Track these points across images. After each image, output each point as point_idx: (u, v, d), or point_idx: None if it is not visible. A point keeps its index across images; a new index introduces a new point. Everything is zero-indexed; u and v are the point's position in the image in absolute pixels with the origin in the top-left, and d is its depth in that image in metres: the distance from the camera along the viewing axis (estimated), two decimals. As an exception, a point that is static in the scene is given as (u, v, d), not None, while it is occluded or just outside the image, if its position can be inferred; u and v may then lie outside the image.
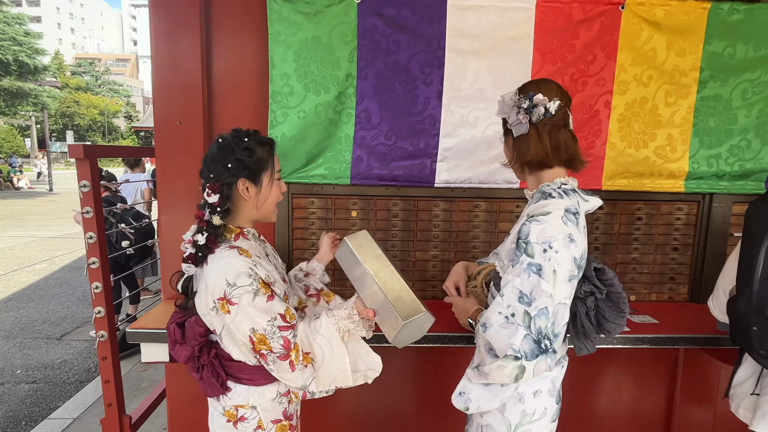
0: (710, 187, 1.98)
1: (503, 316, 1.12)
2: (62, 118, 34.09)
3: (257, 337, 1.15)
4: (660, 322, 1.82)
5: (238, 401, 1.28)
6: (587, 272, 1.26)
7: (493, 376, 1.15)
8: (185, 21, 1.82)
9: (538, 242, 1.12)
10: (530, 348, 1.08)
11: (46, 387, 3.42)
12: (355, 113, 1.88)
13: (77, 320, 4.76)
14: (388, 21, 1.82)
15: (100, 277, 1.92)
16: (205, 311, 1.21)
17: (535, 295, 1.10)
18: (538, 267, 1.10)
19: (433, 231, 2.03)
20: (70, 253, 7.72)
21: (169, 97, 1.86)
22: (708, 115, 1.91)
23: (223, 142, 1.25)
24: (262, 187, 1.27)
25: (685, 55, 1.86)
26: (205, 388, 1.29)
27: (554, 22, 1.83)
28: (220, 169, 1.22)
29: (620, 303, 1.27)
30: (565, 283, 1.12)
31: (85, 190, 1.86)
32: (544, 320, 1.09)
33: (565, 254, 1.11)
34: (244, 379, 1.27)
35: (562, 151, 1.22)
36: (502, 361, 1.10)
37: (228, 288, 1.15)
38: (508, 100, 1.25)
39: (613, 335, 1.30)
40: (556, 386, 1.29)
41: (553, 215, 1.14)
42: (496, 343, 1.12)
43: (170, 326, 1.31)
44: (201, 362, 1.26)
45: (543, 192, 1.22)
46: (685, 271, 2.08)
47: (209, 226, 1.23)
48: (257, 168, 1.25)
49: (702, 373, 2.14)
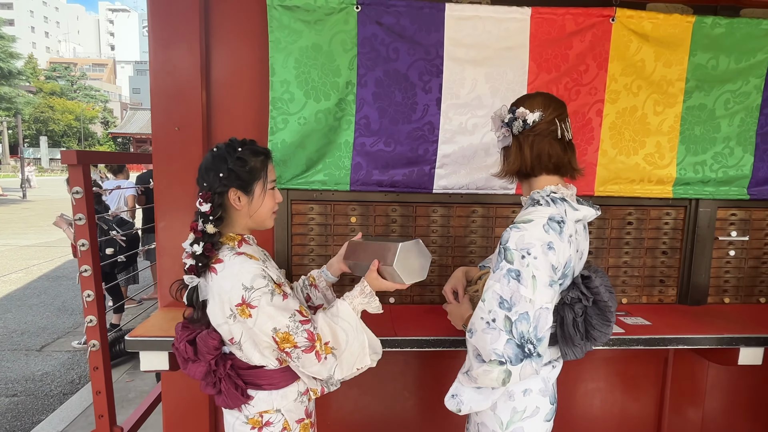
0: (696, 192, 2.06)
1: (485, 322, 1.15)
2: (36, 123, 33.20)
3: (280, 336, 1.16)
4: (652, 323, 1.87)
5: (263, 407, 1.28)
6: (575, 279, 1.30)
7: (481, 381, 1.18)
8: (184, 27, 1.82)
9: (517, 248, 1.16)
10: (514, 353, 1.11)
11: (28, 400, 3.31)
12: (354, 120, 1.90)
13: (58, 331, 4.63)
14: (387, 30, 1.85)
15: (93, 285, 1.89)
16: (221, 321, 1.21)
17: (514, 300, 1.13)
18: (517, 273, 1.14)
19: (431, 236, 2.05)
20: (48, 262, 7.50)
21: (168, 103, 1.85)
22: (693, 124, 1.99)
23: (217, 151, 1.26)
24: (254, 197, 1.26)
25: (671, 66, 1.94)
26: (225, 400, 1.27)
27: (548, 33, 1.89)
28: (212, 179, 1.23)
29: (606, 311, 1.29)
30: (546, 288, 1.15)
31: (77, 197, 1.83)
32: (526, 325, 1.13)
33: (542, 260, 1.15)
34: (264, 385, 1.27)
35: (545, 159, 1.27)
36: (488, 366, 1.14)
37: (246, 292, 1.15)
38: (497, 115, 1.32)
39: (599, 343, 1.33)
40: (548, 386, 1.32)
41: (534, 223, 1.18)
42: (480, 348, 1.16)
43: (180, 345, 1.28)
44: (218, 375, 1.25)
45: (532, 199, 1.27)
46: (674, 274, 2.15)
47: (204, 236, 1.23)
48: (249, 178, 1.25)
49: (691, 373, 2.21)
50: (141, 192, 5.18)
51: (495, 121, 1.33)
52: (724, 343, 1.77)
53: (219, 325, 1.22)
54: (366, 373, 2.10)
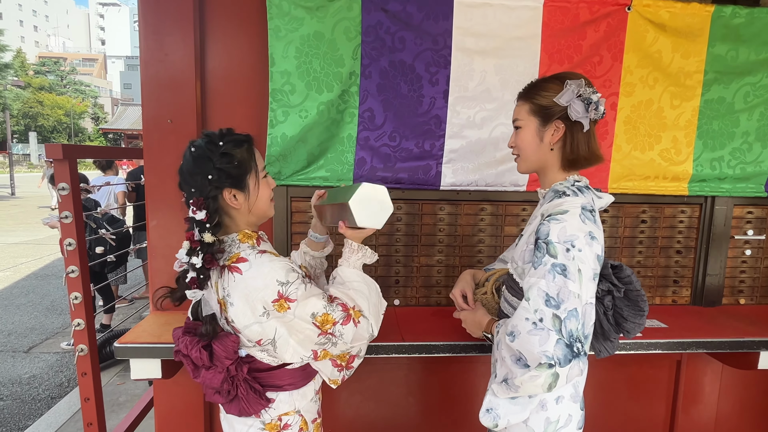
0: (712, 189, 1.98)
1: (531, 322, 1.06)
2: (24, 118, 32.67)
3: (319, 319, 1.13)
4: (668, 326, 1.80)
5: (284, 409, 1.23)
6: (604, 270, 1.23)
7: (525, 388, 1.09)
8: (177, 12, 1.70)
9: (560, 241, 1.08)
10: (563, 353, 1.03)
11: (14, 404, 3.18)
12: (358, 113, 1.80)
13: (46, 331, 4.49)
14: (393, 17, 1.75)
15: (80, 287, 1.78)
16: (250, 321, 1.12)
17: (562, 296, 1.05)
18: (563, 267, 1.06)
19: (437, 235, 1.96)
20: (36, 260, 7.32)
21: (159, 94, 1.73)
22: (711, 118, 1.92)
23: (196, 151, 1.12)
24: (249, 191, 1.17)
25: (689, 58, 1.86)
26: (244, 407, 1.19)
27: (561, 22, 1.80)
28: (200, 182, 1.11)
29: (639, 301, 1.24)
30: (590, 282, 1.08)
31: (63, 193, 1.72)
32: (575, 322, 1.04)
33: (588, 252, 1.08)
34: (285, 386, 1.22)
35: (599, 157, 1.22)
36: (535, 371, 1.04)
37: (282, 287, 1.10)
38: (576, 85, 1.15)
39: (633, 335, 1.27)
40: (578, 392, 1.24)
41: (570, 213, 1.11)
42: (526, 351, 1.05)
43: (194, 353, 1.17)
44: (236, 382, 1.18)
45: (556, 191, 1.19)
46: (688, 274, 2.08)
47: (203, 246, 1.12)
48: (240, 173, 1.15)
49: (704, 376, 2.14)
50: (132, 188, 5.04)
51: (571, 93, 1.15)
52: (745, 347, 1.70)
53: (247, 326, 1.13)
54: (369, 378, 2.04)
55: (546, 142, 1.20)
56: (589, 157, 1.20)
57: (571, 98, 1.14)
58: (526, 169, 1.28)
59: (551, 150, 1.21)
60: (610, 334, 1.26)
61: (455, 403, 2.07)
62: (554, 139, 1.19)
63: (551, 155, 1.21)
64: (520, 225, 1.98)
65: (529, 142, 1.23)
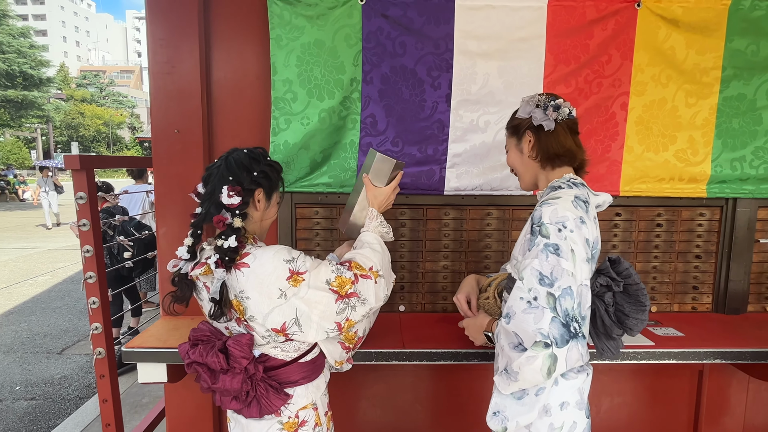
0: (734, 191, 1.89)
1: (525, 301, 1.08)
2: (67, 129, 34.31)
3: (335, 283, 1.18)
4: (685, 334, 1.71)
5: (302, 403, 1.28)
6: (602, 265, 1.26)
7: (523, 373, 1.07)
8: (183, 25, 1.75)
9: (551, 222, 1.11)
10: (559, 332, 1.03)
11: (46, 404, 3.33)
12: (360, 119, 1.81)
13: (78, 333, 4.69)
14: (393, 23, 1.74)
15: (98, 292, 1.85)
16: (272, 306, 1.15)
17: (556, 274, 1.07)
18: (556, 247, 1.09)
19: (443, 241, 1.94)
20: (73, 265, 7.66)
21: (167, 105, 1.79)
22: (731, 116, 1.82)
23: (249, 152, 1.27)
24: (271, 202, 1.30)
25: (705, 54, 1.78)
26: (265, 405, 1.22)
27: (567, 22, 1.76)
28: (244, 175, 1.22)
29: (639, 296, 1.23)
30: (584, 264, 1.10)
31: (81, 202, 1.79)
32: (570, 301, 1.06)
33: (578, 234, 1.11)
34: (300, 380, 1.27)
35: (576, 152, 1.28)
36: (531, 351, 1.04)
37: (291, 264, 1.16)
38: (532, 100, 1.28)
39: (636, 332, 1.26)
40: (584, 398, 1.21)
41: (563, 199, 1.15)
42: (521, 331, 1.07)
43: (210, 358, 1.20)
44: (255, 380, 1.21)
45: (552, 186, 1.25)
46: (709, 280, 1.98)
47: (233, 229, 1.18)
48: (273, 185, 1.29)
49: (728, 387, 2.03)
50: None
51: (530, 105, 1.29)
52: (768, 357, 1.60)
53: (268, 314, 1.16)
54: (376, 384, 2.03)
55: (525, 152, 1.31)
56: (560, 152, 1.26)
57: (531, 109, 1.27)
58: (525, 185, 1.37)
59: (531, 158, 1.30)
60: (613, 331, 1.25)
61: (462, 411, 2.03)
62: (530, 147, 1.29)
63: (534, 163, 1.30)
64: (528, 230, 1.94)
65: (514, 158, 1.36)
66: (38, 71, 19.43)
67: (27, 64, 18.82)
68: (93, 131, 36.12)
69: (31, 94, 19.06)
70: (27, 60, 18.93)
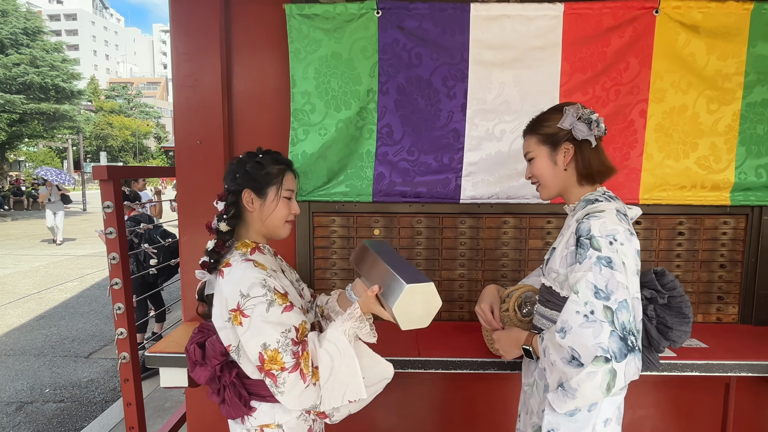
0: (759, 199, 1.84)
1: (582, 315, 1.06)
2: (96, 140, 35.46)
3: (269, 354, 1.09)
4: (709, 346, 1.67)
5: (264, 420, 1.23)
6: (645, 277, 1.24)
7: (583, 390, 1.04)
8: (205, 40, 1.82)
9: (602, 235, 1.10)
10: (618, 346, 1.02)
11: (73, 406, 3.43)
12: (376, 129, 1.84)
13: (105, 338, 4.82)
14: (409, 34, 1.77)
15: (123, 298, 1.91)
16: (221, 324, 1.19)
17: (611, 287, 1.06)
18: (608, 260, 1.08)
19: (459, 249, 1.94)
20: (101, 271, 7.89)
21: (190, 117, 1.85)
22: (755, 122, 1.78)
23: (241, 157, 1.30)
24: (266, 200, 1.26)
25: (727, 59, 1.75)
26: (228, 410, 1.24)
27: (583, 30, 1.75)
28: (230, 179, 1.27)
29: (683, 307, 1.22)
30: (635, 277, 1.10)
31: (108, 211, 1.86)
32: (626, 314, 1.05)
33: (628, 247, 1.10)
34: (268, 397, 1.21)
35: (613, 170, 1.28)
36: (591, 367, 1.02)
37: (242, 299, 1.12)
38: (576, 111, 1.23)
39: (679, 345, 1.25)
40: (621, 413, 1.21)
41: (608, 212, 1.14)
42: (579, 345, 1.04)
43: (190, 347, 1.29)
44: (222, 383, 1.23)
45: (588, 200, 1.22)
46: (734, 290, 1.93)
47: (217, 233, 1.25)
48: (263, 181, 1.26)
49: (756, 402, 1.96)
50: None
51: (572, 117, 1.22)
52: (798, 371, 1.55)
53: (220, 330, 1.20)
54: (392, 391, 2.02)
55: (560, 164, 1.26)
56: (602, 170, 1.25)
57: (573, 121, 1.22)
58: (548, 195, 1.32)
59: (565, 170, 1.26)
60: (660, 344, 1.24)
61: (480, 421, 2.01)
62: (566, 159, 1.25)
63: (567, 175, 1.26)
64: (546, 238, 1.92)
65: (545, 168, 1.29)
66: (70, 84, 20.20)
67: (59, 77, 19.57)
68: (121, 141, 37.25)
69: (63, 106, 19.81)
70: (59, 73, 19.70)
